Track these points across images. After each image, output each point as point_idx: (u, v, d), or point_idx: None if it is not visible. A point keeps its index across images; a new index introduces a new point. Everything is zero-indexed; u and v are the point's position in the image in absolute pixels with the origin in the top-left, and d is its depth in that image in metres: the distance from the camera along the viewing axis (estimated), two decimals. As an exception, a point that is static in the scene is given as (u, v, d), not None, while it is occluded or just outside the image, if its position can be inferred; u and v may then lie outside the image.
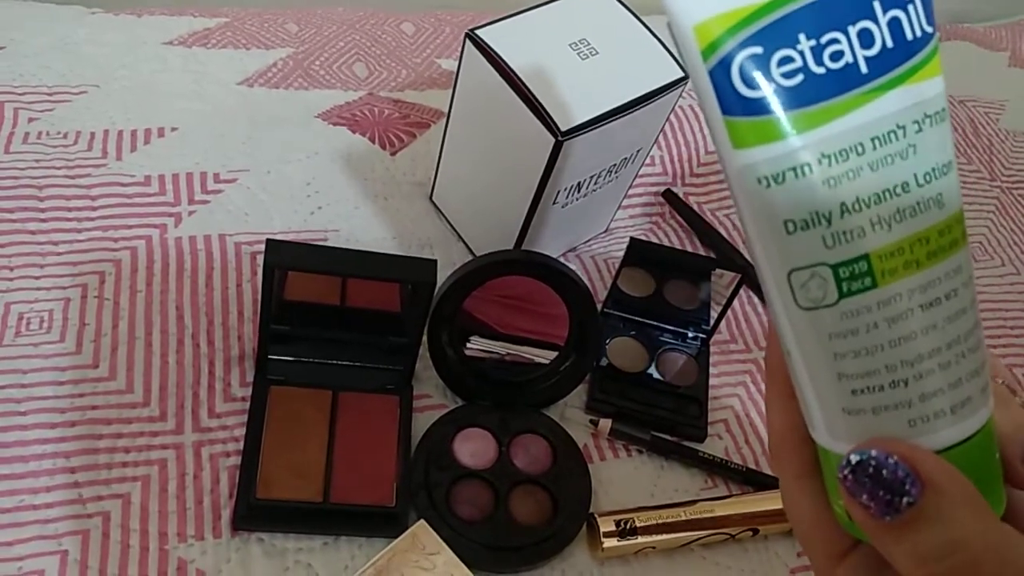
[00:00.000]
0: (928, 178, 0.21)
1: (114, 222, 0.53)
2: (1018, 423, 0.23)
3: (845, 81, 0.21)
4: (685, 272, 0.58)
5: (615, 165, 0.51)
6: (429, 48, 0.71)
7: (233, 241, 0.53)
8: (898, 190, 0.21)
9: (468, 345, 0.50)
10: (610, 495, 0.49)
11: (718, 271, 0.59)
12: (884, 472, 0.20)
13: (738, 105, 0.20)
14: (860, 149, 0.21)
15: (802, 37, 0.20)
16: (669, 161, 0.65)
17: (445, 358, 0.49)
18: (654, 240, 0.61)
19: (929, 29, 0.22)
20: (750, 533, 0.48)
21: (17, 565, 0.41)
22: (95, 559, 0.41)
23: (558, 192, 0.49)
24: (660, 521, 0.46)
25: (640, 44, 0.49)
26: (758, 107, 0.20)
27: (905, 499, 0.20)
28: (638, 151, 0.53)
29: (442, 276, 0.46)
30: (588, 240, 0.60)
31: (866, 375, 0.22)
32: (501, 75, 0.45)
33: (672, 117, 0.56)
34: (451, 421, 0.48)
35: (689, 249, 0.61)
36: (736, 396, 0.55)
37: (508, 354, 0.51)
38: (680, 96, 0.50)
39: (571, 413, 0.51)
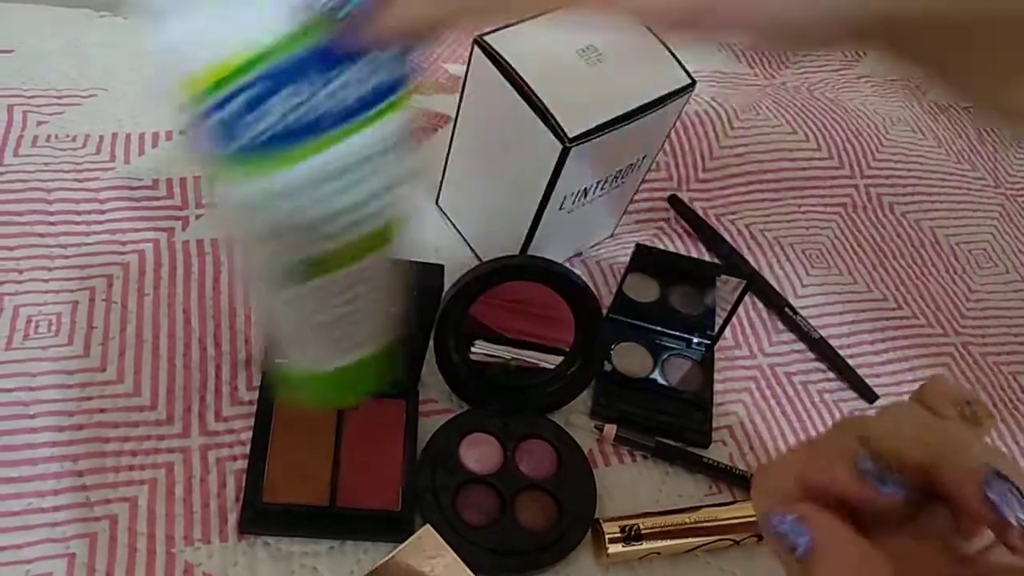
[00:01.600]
0: (375, 199, 0.27)
1: (122, 225, 0.53)
2: (977, 464, 0.24)
3: (315, 128, 0.24)
4: (690, 278, 0.58)
5: (621, 171, 0.51)
6: (436, 53, 0.72)
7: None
8: (354, 211, 0.27)
9: (473, 350, 0.50)
10: (615, 501, 0.49)
11: (723, 277, 0.59)
12: (782, 527, 0.25)
13: (220, 146, 0.24)
14: (320, 181, 0.25)
15: (280, 92, 0.24)
16: (675, 167, 0.65)
17: (451, 363, 0.49)
18: (660, 246, 0.61)
19: (396, 81, 0.26)
20: (755, 539, 0.48)
21: (25, 568, 0.41)
22: (102, 562, 0.41)
23: (564, 197, 0.49)
24: (665, 527, 0.46)
25: (647, 51, 0.49)
26: (237, 150, 0.24)
27: (799, 551, 0.25)
28: (644, 157, 0.53)
29: (448, 281, 0.47)
30: (594, 245, 0.60)
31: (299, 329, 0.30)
32: (509, 81, 0.46)
33: (678, 123, 0.56)
34: (457, 426, 0.49)
35: (694, 255, 0.61)
36: (741, 402, 0.55)
37: (513, 359, 0.51)
38: (687, 103, 0.50)
39: (576, 418, 0.51)
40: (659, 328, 0.56)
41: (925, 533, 0.27)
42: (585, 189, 0.50)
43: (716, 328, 0.55)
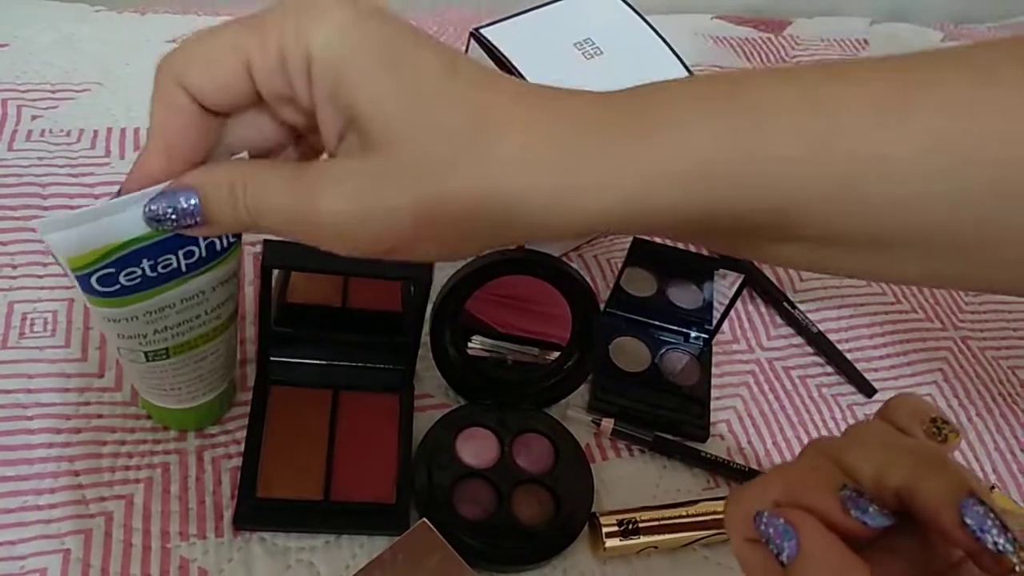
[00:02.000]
0: (213, 311, 0.39)
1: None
2: (953, 488, 0.24)
3: (170, 277, 0.35)
4: (688, 272, 0.58)
5: (618, 165, 0.51)
6: (432, 47, 0.71)
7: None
8: (191, 320, 0.38)
9: (470, 344, 0.50)
10: (612, 495, 0.49)
11: (721, 271, 0.59)
12: (770, 530, 0.26)
13: (94, 293, 0.34)
14: (172, 306, 0.36)
15: (143, 261, 0.33)
16: (672, 160, 0.65)
17: (447, 357, 0.49)
18: (657, 240, 0.61)
19: (234, 239, 0.36)
20: (752, 533, 0.48)
21: (20, 564, 0.41)
22: (97, 558, 0.41)
23: (561, 192, 0.49)
24: (662, 521, 0.46)
25: (645, 44, 0.48)
26: (107, 294, 0.34)
27: (784, 554, 0.25)
28: (641, 151, 0.52)
29: (445, 276, 0.46)
30: (591, 240, 0.60)
31: (157, 387, 0.42)
32: (505, 73, 0.45)
33: (675, 116, 0.56)
34: (453, 421, 0.48)
35: (692, 249, 0.61)
36: (739, 396, 0.55)
37: (511, 353, 0.51)
38: (684, 96, 0.50)
39: (573, 413, 0.51)
40: (656, 322, 0.56)
41: (897, 548, 0.27)
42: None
43: (714, 322, 0.55)
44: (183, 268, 0.35)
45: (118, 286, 0.34)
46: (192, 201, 0.29)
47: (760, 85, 0.30)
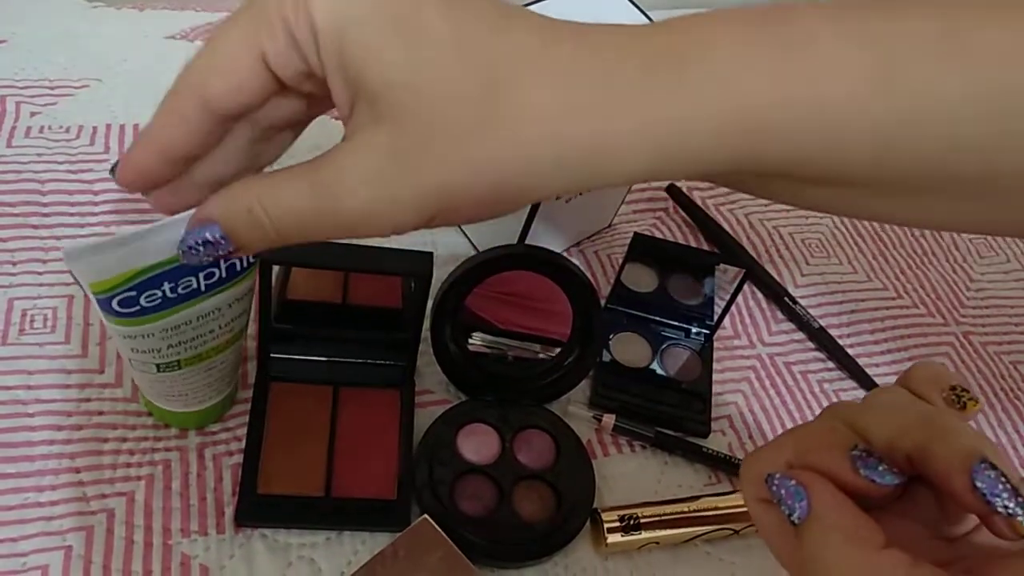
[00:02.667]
0: (226, 325, 0.40)
1: (116, 218, 0.53)
2: (965, 453, 0.24)
3: (189, 297, 0.37)
4: (689, 267, 0.58)
5: (619, 160, 0.51)
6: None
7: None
8: (205, 334, 0.39)
9: (471, 340, 0.50)
10: (614, 491, 0.49)
11: (722, 266, 0.58)
12: (782, 491, 0.26)
13: (114, 314, 0.35)
14: (188, 323, 0.38)
15: (164, 283, 0.35)
16: (673, 156, 0.64)
17: (448, 353, 0.49)
18: (658, 235, 0.61)
19: (252, 260, 0.38)
20: (754, 528, 0.47)
21: (22, 560, 0.41)
22: (99, 555, 0.41)
23: (562, 187, 0.49)
24: (664, 517, 0.46)
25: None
26: (127, 315, 0.35)
27: (795, 515, 0.26)
28: (642, 146, 0.52)
29: (445, 272, 0.46)
30: (592, 235, 0.60)
31: (166, 393, 0.42)
32: (505, 70, 0.45)
33: (676, 111, 0.56)
34: (454, 417, 0.48)
35: (693, 244, 0.61)
36: (740, 392, 0.55)
37: (511, 349, 0.51)
38: (684, 90, 0.49)
39: (574, 409, 0.51)
40: (658, 318, 0.56)
41: (910, 513, 0.27)
42: (582, 178, 0.50)
43: (715, 318, 0.55)
44: (202, 288, 0.36)
45: (138, 307, 0.35)
46: (217, 234, 0.28)
47: (807, 18, 0.28)
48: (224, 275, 0.37)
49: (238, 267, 0.37)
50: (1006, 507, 0.23)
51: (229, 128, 0.29)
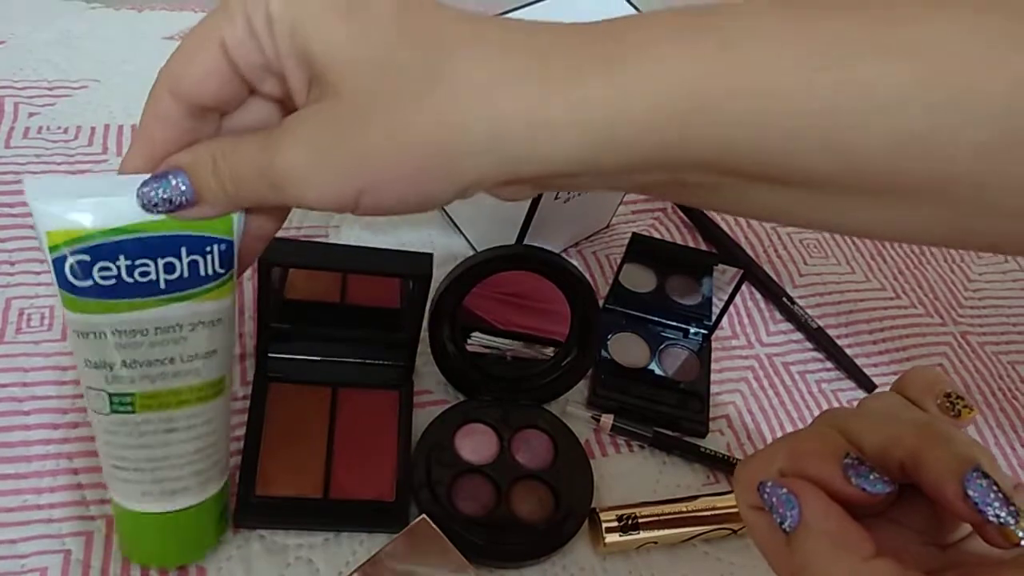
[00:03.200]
0: (190, 359, 0.34)
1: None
2: (957, 461, 0.24)
3: (147, 290, 0.32)
4: (687, 268, 0.58)
5: (617, 160, 0.51)
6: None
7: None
8: (164, 361, 0.33)
9: (469, 340, 0.50)
10: (612, 491, 0.49)
11: (720, 267, 0.58)
12: (774, 499, 0.26)
13: (67, 286, 0.31)
14: (144, 332, 0.33)
15: (121, 258, 0.31)
16: (671, 156, 0.65)
17: (446, 353, 0.49)
18: (656, 236, 0.61)
19: (222, 271, 0.33)
20: (752, 529, 0.48)
21: (20, 563, 0.40)
22: (98, 559, 0.41)
23: (560, 187, 0.49)
24: (662, 516, 0.46)
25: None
26: (80, 291, 0.31)
27: (787, 523, 0.26)
28: (640, 146, 0.52)
29: (444, 272, 0.46)
30: (590, 236, 0.60)
31: (121, 461, 0.35)
32: (503, 70, 0.45)
33: (674, 112, 0.56)
34: (452, 417, 0.48)
35: (691, 245, 0.61)
36: (738, 392, 0.55)
37: (510, 350, 0.51)
38: (682, 91, 0.49)
39: (573, 409, 0.51)
40: (656, 318, 0.56)
41: (904, 520, 0.27)
42: (581, 178, 0.50)
43: (713, 318, 0.55)
44: (161, 283, 0.32)
45: (91, 282, 0.31)
46: (181, 179, 0.30)
47: (743, 15, 0.28)
48: (186, 274, 0.32)
49: (201, 271, 0.33)
50: (998, 516, 0.23)
51: (207, 123, 0.31)
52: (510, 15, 0.47)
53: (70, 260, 0.31)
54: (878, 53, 0.26)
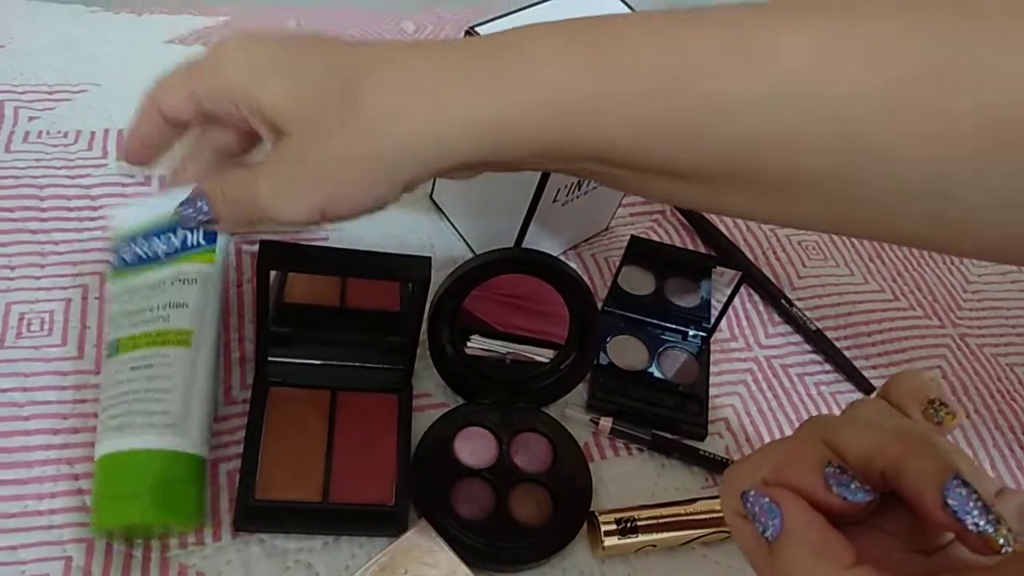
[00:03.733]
0: (164, 307, 0.41)
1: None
2: (937, 469, 0.24)
3: (153, 260, 0.42)
4: (686, 270, 0.58)
5: (615, 163, 0.51)
6: (429, 45, 0.71)
7: (232, 242, 0.53)
8: (146, 310, 0.41)
9: (468, 343, 0.50)
10: (611, 493, 0.49)
11: (719, 269, 0.59)
12: (756, 508, 0.27)
13: (111, 267, 0.43)
14: (138, 291, 0.42)
15: (146, 241, 0.43)
16: (670, 158, 0.65)
17: (445, 357, 0.49)
18: (655, 238, 0.61)
19: (204, 243, 0.43)
20: (751, 532, 0.48)
21: (21, 569, 0.41)
22: (98, 566, 0.41)
23: (558, 190, 0.49)
24: (661, 519, 0.46)
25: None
26: (119, 268, 0.43)
27: (768, 532, 0.26)
28: (638, 149, 0.52)
29: (442, 275, 0.46)
30: (588, 238, 0.60)
31: (106, 402, 0.41)
32: (501, 74, 0.45)
33: (673, 114, 0.56)
34: (451, 420, 0.48)
35: (690, 247, 0.61)
36: (737, 394, 0.55)
37: (509, 353, 0.51)
38: (680, 94, 0.50)
39: (571, 412, 0.51)
40: (655, 321, 0.56)
41: (887, 527, 0.28)
42: (579, 181, 0.50)
43: (712, 320, 0.55)
44: (161, 254, 0.43)
45: (118, 258, 0.43)
46: (204, 202, 0.40)
47: (618, 24, 0.33)
48: (178, 245, 0.43)
49: (189, 242, 0.42)
50: (976, 524, 0.23)
51: (178, 133, 0.42)
52: (509, 17, 0.47)
53: (113, 251, 0.44)
54: (723, 66, 0.31)
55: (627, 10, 0.49)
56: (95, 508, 0.39)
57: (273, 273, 0.44)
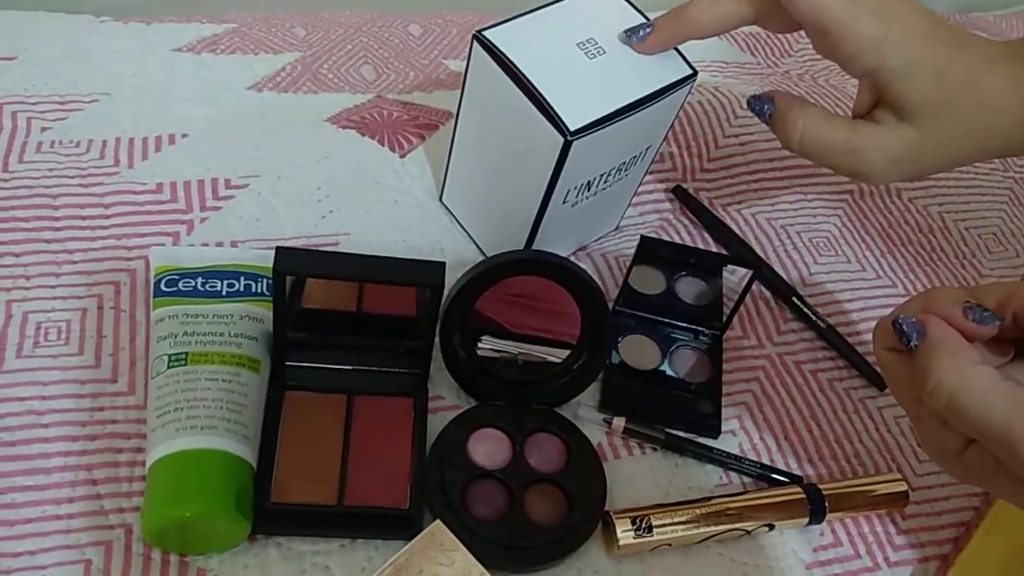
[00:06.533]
0: (236, 335, 0.46)
1: (127, 230, 0.53)
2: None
3: (214, 295, 0.48)
4: (697, 269, 0.58)
5: (624, 163, 0.51)
6: (436, 49, 0.72)
7: (246, 248, 0.54)
8: (215, 334, 0.46)
9: (480, 345, 0.50)
10: (625, 493, 0.49)
11: (730, 267, 0.59)
12: (904, 326, 0.37)
13: (160, 294, 0.48)
14: (205, 316, 0.47)
15: (196, 278, 0.48)
16: (679, 157, 0.65)
17: (457, 359, 0.49)
18: (665, 237, 0.61)
19: (267, 294, 0.48)
20: (766, 528, 0.48)
21: (41, 574, 0.41)
22: (117, 570, 0.42)
23: (568, 191, 0.49)
24: (676, 518, 0.46)
25: (647, 42, 0.48)
26: (171, 295, 0.48)
27: (912, 341, 0.36)
28: (647, 148, 0.53)
29: (453, 277, 0.47)
30: (598, 238, 0.60)
31: (166, 407, 0.43)
32: (509, 76, 0.45)
33: (681, 113, 0.56)
34: (465, 421, 0.49)
35: (700, 245, 0.61)
36: (750, 392, 0.55)
37: (520, 353, 0.51)
38: (689, 93, 0.50)
39: (584, 412, 0.51)
40: (666, 320, 0.56)
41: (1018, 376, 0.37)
42: (588, 182, 0.50)
43: (724, 318, 0.55)
44: (223, 292, 0.48)
45: (174, 289, 0.48)
46: (769, 106, 0.48)
47: None
48: (242, 288, 0.49)
49: (254, 289, 0.49)
50: None
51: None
52: (516, 20, 0.47)
53: (162, 280, 0.48)
54: None
55: (637, 15, 0.49)
56: (164, 498, 0.41)
57: (289, 279, 0.44)
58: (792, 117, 0.47)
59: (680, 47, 0.48)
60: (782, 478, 0.50)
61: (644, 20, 0.49)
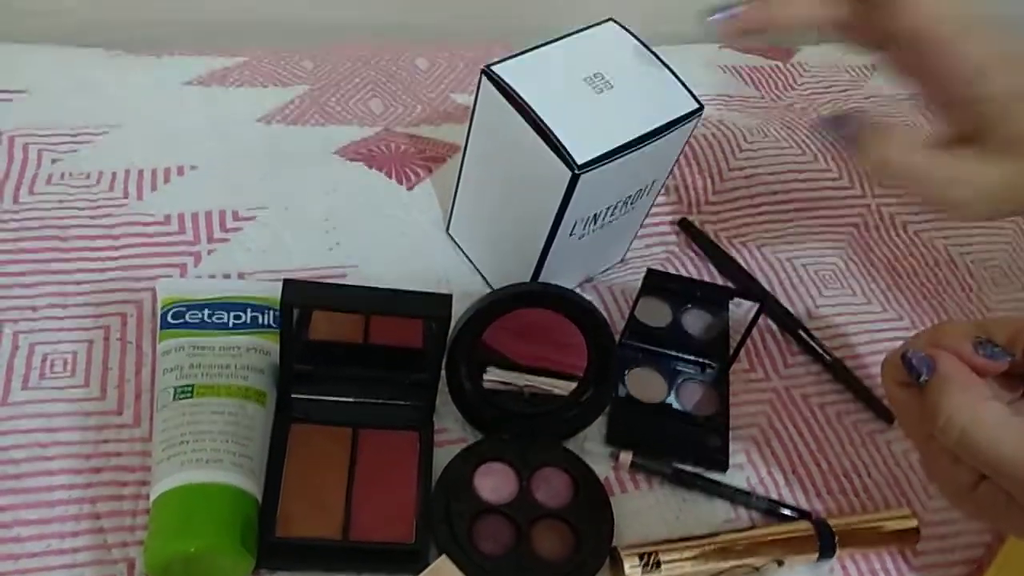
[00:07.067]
0: (243, 368, 0.47)
1: (135, 262, 0.54)
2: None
3: (221, 327, 0.48)
4: (703, 301, 0.58)
5: (631, 196, 0.52)
6: (443, 83, 0.72)
7: (253, 279, 0.54)
8: (222, 366, 0.46)
9: (486, 377, 0.50)
10: (633, 528, 0.48)
11: (736, 300, 0.59)
12: (914, 360, 0.37)
13: (168, 326, 0.48)
14: (212, 347, 0.47)
15: (203, 309, 0.49)
16: (684, 190, 0.65)
17: (463, 391, 0.49)
18: (671, 269, 0.61)
19: (274, 326, 0.49)
20: (775, 564, 0.47)
21: (44, 607, 0.41)
22: (120, 604, 0.41)
23: (574, 224, 0.49)
24: (684, 554, 0.46)
25: (654, 77, 0.49)
26: (178, 327, 0.48)
27: (923, 376, 0.36)
28: (653, 182, 0.53)
29: (460, 309, 0.47)
30: (605, 271, 0.60)
31: (172, 439, 0.43)
32: (517, 110, 0.46)
33: (686, 147, 0.56)
34: (471, 455, 0.48)
35: (706, 278, 0.61)
36: (757, 425, 0.54)
37: (527, 386, 0.51)
38: (695, 127, 0.50)
39: (591, 446, 0.51)
40: (673, 353, 0.56)
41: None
42: (595, 215, 0.50)
43: (730, 351, 0.55)
44: (230, 324, 0.48)
45: (181, 322, 0.48)
46: (855, 124, 0.42)
47: None
48: (248, 320, 0.49)
49: (261, 321, 0.49)
50: None
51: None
52: (523, 56, 0.48)
53: (168, 313, 0.48)
54: None
55: (644, 50, 0.49)
56: (169, 532, 0.40)
57: (296, 311, 0.44)
58: (875, 137, 0.42)
59: (684, 81, 0.49)
60: (791, 513, 0.50)
61: (652, 55, 0.49)
